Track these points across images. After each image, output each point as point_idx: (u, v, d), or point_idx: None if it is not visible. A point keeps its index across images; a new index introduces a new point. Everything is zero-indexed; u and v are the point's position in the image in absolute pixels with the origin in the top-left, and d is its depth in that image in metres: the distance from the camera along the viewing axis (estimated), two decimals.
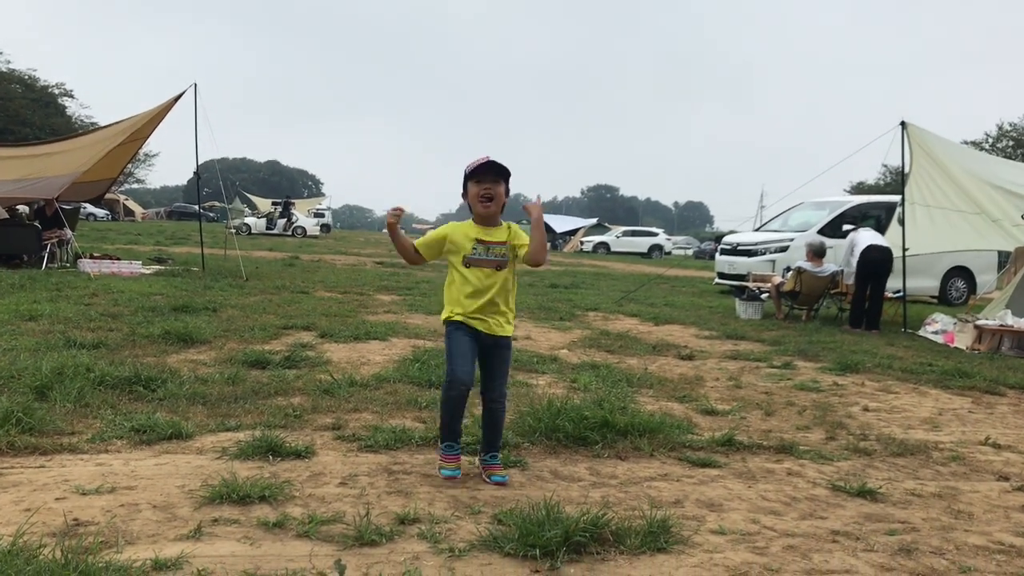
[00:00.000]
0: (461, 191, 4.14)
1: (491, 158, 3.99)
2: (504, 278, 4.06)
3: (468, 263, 4.03)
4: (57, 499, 3.48)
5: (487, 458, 4.14)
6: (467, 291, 4.02)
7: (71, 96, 59.60)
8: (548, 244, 4.25)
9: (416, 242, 4.17)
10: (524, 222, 4.20)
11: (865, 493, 4.15)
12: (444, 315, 4.14)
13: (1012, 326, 10.38)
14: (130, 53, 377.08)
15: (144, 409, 4.94)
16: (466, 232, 4.06)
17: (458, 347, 4.03)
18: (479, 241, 4.03)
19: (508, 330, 4.12)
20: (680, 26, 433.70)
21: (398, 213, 4.09)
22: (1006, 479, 4.62)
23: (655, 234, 54.06)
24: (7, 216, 16.08)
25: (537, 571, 3.01)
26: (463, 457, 4.17)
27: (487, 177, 4.01)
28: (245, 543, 3.12)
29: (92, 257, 15.17)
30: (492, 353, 4.10)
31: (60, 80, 72.39)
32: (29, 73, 55.82)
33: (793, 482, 4.34)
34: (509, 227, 4.11)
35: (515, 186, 4.16)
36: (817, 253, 12.69)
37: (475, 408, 4.63)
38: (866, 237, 12.33)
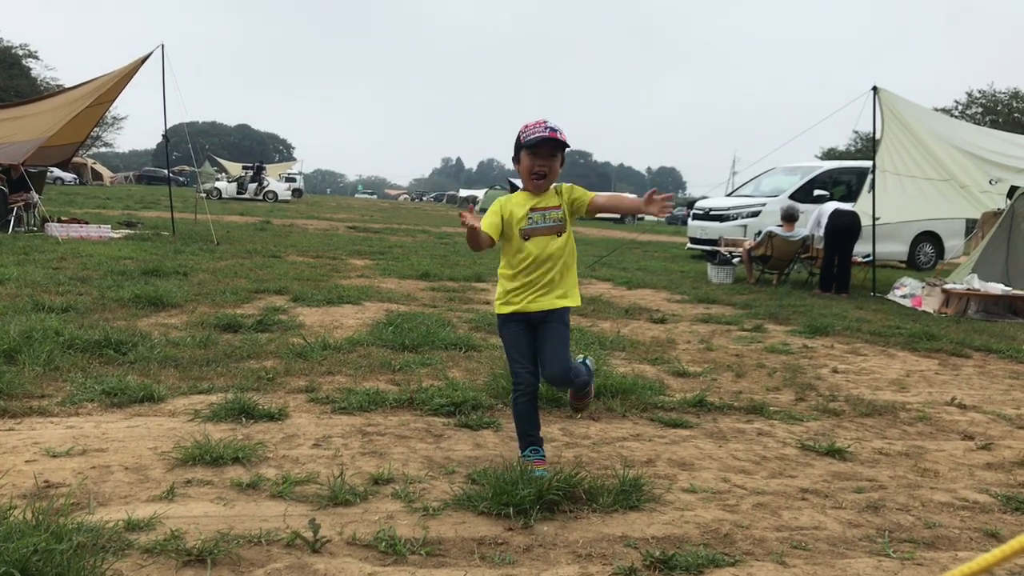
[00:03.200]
0: (513, 155, 3.71)
1: (549, 126, 3.54)
2: (563, 246, 3.66)
3: (527, 235, 3.62)
4: (27, 461, 3.45)
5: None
6: (524, 264, 3.61)
7: (35, 57, 58.50)
8: None
9: (482, 228, 3.64)
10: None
11: (834, 452, 4.21)
12: (497, 304, 3.76)
13: (979, 290, 10.54)
14: (95, 13, 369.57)
15: (115, 372, 4.90)
16: (518, 202, 3.66)
17: (513, 344, 3.68)
18: (533, 209, 3.64)
19: (566, 301, 3.68)
20: None
21: (473, 222, 3.53)
22: (971, 438, 4.71)
23: None
24: None
25: (511, 529, 3.03)
26: (435, 418, 4.17)
27: (543, 151, 3.59)
28: (219, 504, 3.12)
29: (60, 221, 14.95)
30: (542, 329, 3.65)
31: (24, 41, 70.82)
32: None
33: (763, 442, 4.40)
34: (558, 189, 3.73)
35: (491, 152, 3.86)
36: (788, 218, 12.77)
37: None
38: (831, 205, 12.48)
